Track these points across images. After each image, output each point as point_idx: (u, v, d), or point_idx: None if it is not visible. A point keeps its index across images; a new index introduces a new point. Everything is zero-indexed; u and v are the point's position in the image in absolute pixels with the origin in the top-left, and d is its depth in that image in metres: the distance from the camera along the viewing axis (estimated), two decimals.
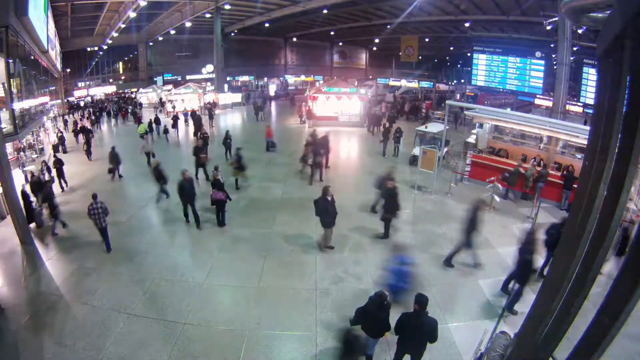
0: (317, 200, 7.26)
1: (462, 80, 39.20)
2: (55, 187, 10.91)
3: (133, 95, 36.86)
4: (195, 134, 17.59)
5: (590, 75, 20.68)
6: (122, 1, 25.45)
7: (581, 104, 21.96)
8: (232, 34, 37.78)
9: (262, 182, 11.78)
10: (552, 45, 22.45)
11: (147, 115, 23.99)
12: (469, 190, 11.23)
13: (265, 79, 49.54)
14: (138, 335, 5.32)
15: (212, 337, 5.31)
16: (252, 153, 14.37)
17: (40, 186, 9.49)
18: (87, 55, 37.96)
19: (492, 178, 10.30)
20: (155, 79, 40.30)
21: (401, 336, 4.36)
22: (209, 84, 36.18)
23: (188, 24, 31.16)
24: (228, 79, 38.71)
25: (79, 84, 38.93)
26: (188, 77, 40.37)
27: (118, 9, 27.69)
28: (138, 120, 22.44)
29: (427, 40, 37.65)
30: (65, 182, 11.85)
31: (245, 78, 48.07)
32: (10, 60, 10.31)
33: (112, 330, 5.40)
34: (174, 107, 26.83)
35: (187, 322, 5.59)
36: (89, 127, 20.81)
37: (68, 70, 36.16)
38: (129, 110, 28.27)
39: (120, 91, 41.08)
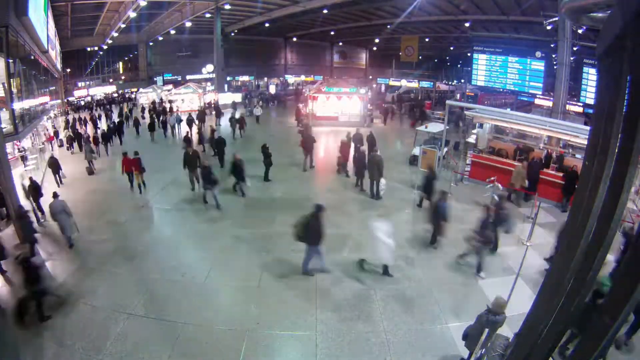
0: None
1: (462, 80, 39.22)
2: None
3: (133, 95, 36.80)
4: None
5: (590, 75, 20.67)
6: (122, 1, 25.46)
7: (581, 104, 21.95)
8: (232, 34, 37.77)
9: (259, 183, 11.73)
10: (552, 45, 22.44)
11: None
12: (469, 190, 11.23)
13: (265, 79, 49.54)
14: (138, 335, 5.32)
15: (212, 337, 5.31)
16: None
17: None
18: (87, 55, 37.95)
19: (492, 178, 10.30)
20: (155, 78, 40.29)
21: None
22: (209, 84, 36.18)
23: (188, 24, 31.16)
24: (228, 79, 38.72)
25: (79, 84, 38.94)
26: (188, 77, 40.36)
27: (118, 9, 27.70)
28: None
29: (427, 40, 37.65)
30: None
31: (245, 78, 48.07)
32: (10, 60, 10.31)
33: (112, 330, 5.40)
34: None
35: (187, 322, 5.58)
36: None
37: (68, 70, 36.16)
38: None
39: (121, 91, 41.07)
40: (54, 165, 11.68)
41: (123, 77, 43.48)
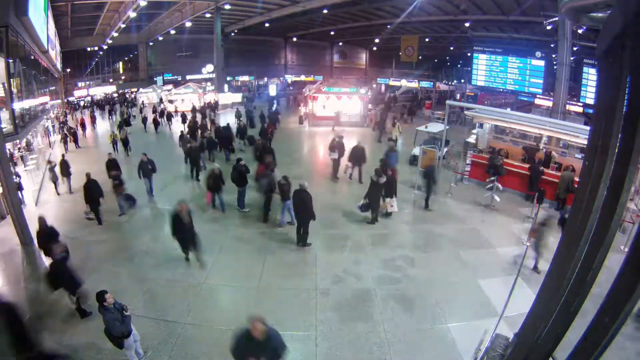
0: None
1: (462, 80, 39.20)
2: None
3: (134, 96, 36.75)
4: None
5: (590, 75, 20.65)
6: (122, 1, 25.45)
7: (581, 104, 21.94)
8: (232, 34, 37.78)
9: None
10: (552, 45, 22.45)
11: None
12: (469, 190, 11.23)
13: (266, 79, 49.54)
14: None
15: (212, 337, 5.31)
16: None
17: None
18: (87, 55, 37.95)
19: (492, 178, 10.30)
20: (155, 78, 40.31)
21: None
22: (209, 83, 36.19)
23: (188, 24, 31.16)
24: (228, 79, 38.73)
25: (79, 84, 38.94)
26: (188, 77, 40.39)
27: (118, 9, 27.70)
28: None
29: (427, 40, 37.64)
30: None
31: (245, 78, 48.06)
32: (10, 60, 10.30)
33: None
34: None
35: (187, 322, 5.59)
36: None
37: (68, 70, 36.15)
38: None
39: (121, 91, 41.05)
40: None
41: (123, 77, 43.49)
